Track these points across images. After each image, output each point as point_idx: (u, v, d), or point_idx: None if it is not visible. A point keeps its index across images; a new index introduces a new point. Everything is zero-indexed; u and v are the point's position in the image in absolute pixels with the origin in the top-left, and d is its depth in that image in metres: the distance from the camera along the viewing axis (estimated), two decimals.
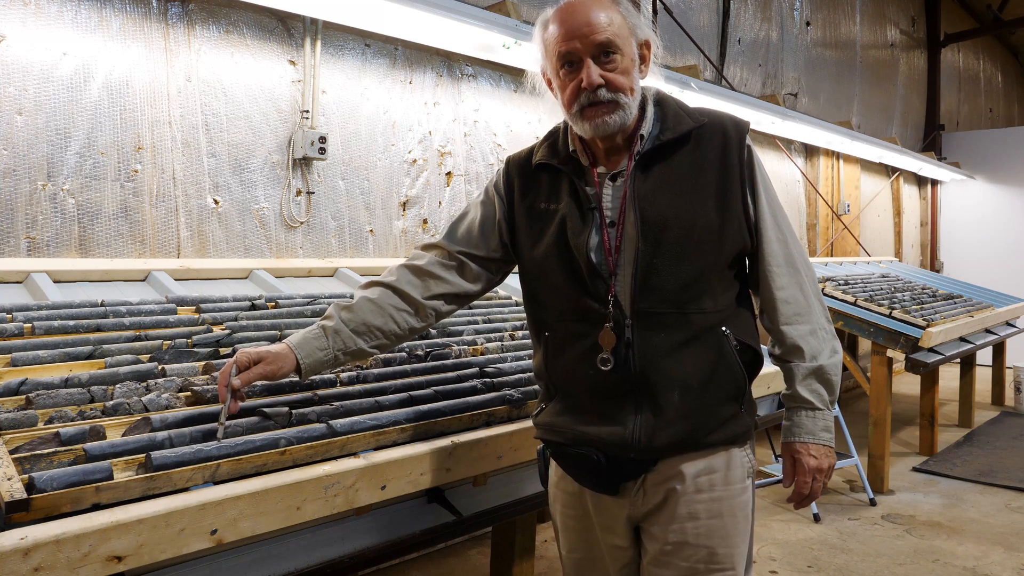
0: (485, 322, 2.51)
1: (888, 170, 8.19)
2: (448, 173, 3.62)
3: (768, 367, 2.06)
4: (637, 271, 1.40)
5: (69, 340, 1.78)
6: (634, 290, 1.40)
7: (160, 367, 1.71)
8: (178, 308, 2.13)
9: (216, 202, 2.79)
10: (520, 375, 2.03)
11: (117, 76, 2.53)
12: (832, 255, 6.81)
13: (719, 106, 4.42)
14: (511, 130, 3.89)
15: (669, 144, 1.46)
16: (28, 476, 1.19)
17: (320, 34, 3.02)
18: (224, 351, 1.85)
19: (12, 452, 1.28)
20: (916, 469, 4.75)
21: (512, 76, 3.88)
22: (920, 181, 9.05)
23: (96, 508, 1.20)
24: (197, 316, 2.08)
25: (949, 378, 7.17)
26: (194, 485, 1.31)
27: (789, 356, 1.50)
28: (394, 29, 3.03)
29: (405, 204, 3.44)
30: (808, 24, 6.71)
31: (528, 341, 2.30)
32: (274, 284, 2.55)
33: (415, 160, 3.47)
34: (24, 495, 1.15)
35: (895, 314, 4.50)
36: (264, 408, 1.54)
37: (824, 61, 7.02)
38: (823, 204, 6.73)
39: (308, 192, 3.05)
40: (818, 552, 3.49)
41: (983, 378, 6.64)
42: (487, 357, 2.17)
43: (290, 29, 2.98)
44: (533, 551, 2.44)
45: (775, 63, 6.25)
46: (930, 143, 9.18)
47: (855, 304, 4.63)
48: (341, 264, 2.91)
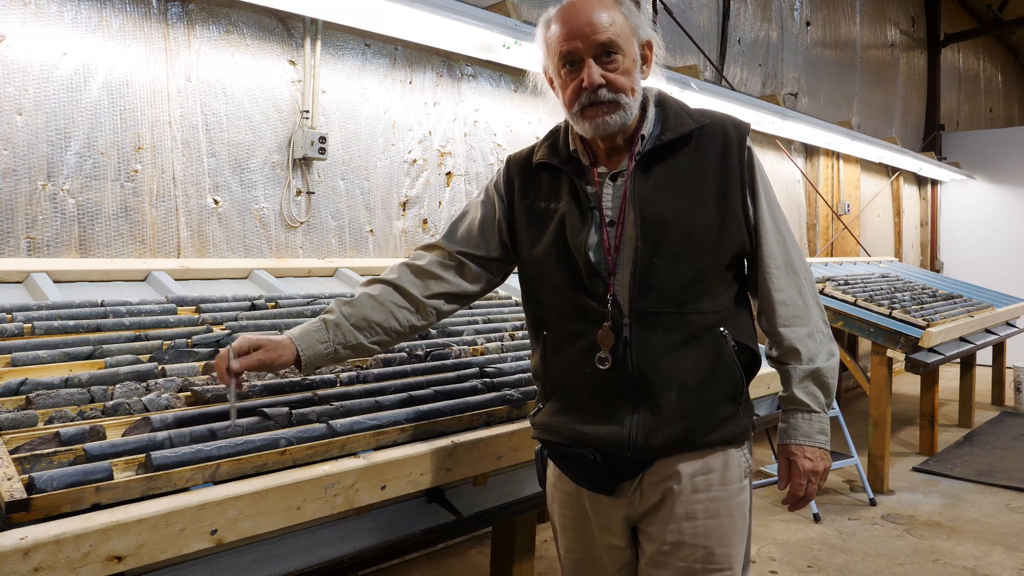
0: (485, 322, 2.52)
1: (888, 170, 8.19)
2: (448, 173, 3.62)
3: (768, 367, 2.06)
4: (636, 270, 1.40)
5: (69, 340, 1.78)
6: (633, 289, 1.40)
7: (160, 367, 1.71)
8: (178, 308, 2.13)
9: (216, 202, 2.79)
10: (520, 375, 2.03)
11: (117, 76, 2.54)
12: (832, 255, 6.81)
13: (719, 106, 4.45)
14: (511, 130, 3.89)
15: (670, 144, 1.45)
16: (28, 476, 1.19)
17: (320, 34, 3.02)
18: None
19: (12, 452, 1.28)
20: (916, 469, 4.75)
21: (512, 76, 3.88)
22: (920, 181, 9.05)
23: (96, 508, 1.20)
24: (197, 316, 2.08)
25: (949, 378, 7.17)
26: (194, 485, 1.31)
27: (786, 358, 1.50)
28: (394, 29, 3.03)
29: (405, 204, 3.44)
30: (808, 24, 6.71)
31: (528, 341, 2.30)
32: (274, 284, 2.56)
33: (415, 160, 3.47)
34: (24, 495, 1.15)
35: (895, 314, 4.50)
36: (264, 408, 1.54)
37: (824, 61, 7.02)
38: (823, 204, 6.73)
39: (308, 192, 3.05)
40: (818, 552, 3.50)
41: (983, 378, 6.63)
42: (487, 357, 2.17)
43: (290, 29, 2.98)
44: (533, 551, 2.44)
45: (775, 63, 6.25)
46: (930, 143, 9.18)
47: (855, 304, 4.63)
48: (341, 264, 2.91)
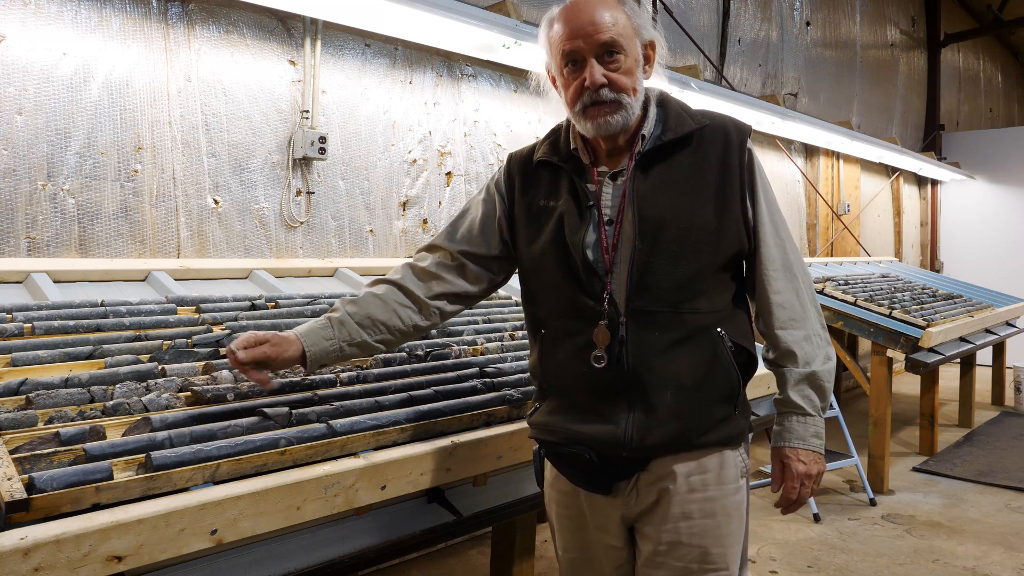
0: (485, 322, 2.52)
1: (888, 170, 8.19)
2: (448, 173, 3.62)
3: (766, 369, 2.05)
4: (633, 269, 1.40)
5: (69, 340, 1.78)
6: (629, 288, 1.40)
7: (160, 367, 1.71)
8: (178, 308, 2.13)
9: (216, 202, 2.79)
10: (520, 375, 2.03)
11: (117, 76, 2.53)
12: (832, 255, 6.81)
13: (719, 106, 4.45)
14: (511, 130, 3.89)
15: (670, 145, 1.46)
16: (28, 476, 1.19)
17: (320, 34, 3.02)
18: (224, 351, 1.85)
19: (12, 452, 1.28)
20: (916, 469, 4.75)
21: (512, 76, 3.88)
22: (920, 181, 9.05)
23: (96, 508, 1.20)
24: (197, 316, 2.08)
25: (949, 378, 7.17)
26: (194, 485, 1.31)
27: (782, 361, 1.50)
28: (394, 29, 3.03)
29: (405, 204, 3.44)
30: (808, 24, 6.71)
31: (528, 341, 2.30)
32: (274, 284, 2.55)
33: (415, 160, 3.47)
34: (24, 495, 1.15)
35: (895, 314, 4.50)
36: (264, 408, 1.54)
37: (824, 61, 7.02)
38: (823, 204, 6.73)
39: (308, 192, 3.05)
40: (818, 552, 3.49)
41: (983, 378, 6.63)
42: (487, 357, 2.17)
43: (290, 29, 2.98)
44: (533, 551, 2.44)
45: (775, 63, 6.25)
46: (930, 143, 9.18)
47: (855, 304, 4.62)
48: (341, 264, 2.91)
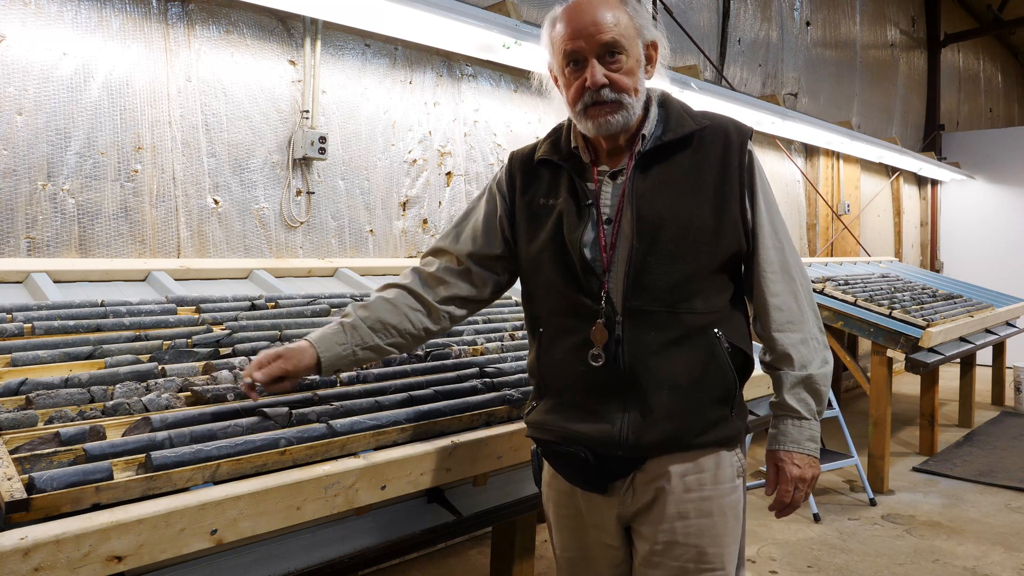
0: (485, 322, 2.51)
1: (888, 170, 8.18)
2: (448, 173, 3.62)
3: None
4: (630, 268, 1.41)
5: (69, 340, 1.78)
6: (626, 287, 1.41)
7: (160, 367, 1.71)
8: (178, 308, 2.13)
9: (216, 202, 2.79)
10: (520, 375, 2.03)
11: (117, 76, 2.53)
12: (832, 255, 6.81)
13: (719, 106, 4.45)
14: (511, 130, 3.89)
15: (670, 145, 1.46)
16: (28, 476, 1.19)
17: (320, 34, 3.02)
18: (224, 351, 1.85)
19: (12, 452, 1.28)
20: (916, 469, 4.74)
21: (512, 76, 3.88)
22: (920, 181, 9.05)
23: (96, 508, 1.20)
24: (197, 316, 2.08)
25: (949, 378, 7.17)
26: (194, 485, 1.31)
27: (779, 364, 1.50)
28: (394, 29, 3.03)
29: (405, 204, 3.44)
30: (808, 24, 6.71)
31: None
32: (274, 284, 2.55)
33: (415, 160, 3.47)
34: (24, 495, 1.15)
35: (895, 314, 4.50)
36: (264, 408, 1.54)
37: (824, 61, 7.01)
38: (823, 204, 6.73)
39: (308, 192, 3.05)
40: (818, 552, 3.49)
41: (983, 378, 6.63)
42: (487, 357, 2.17)
43: (290, 29, 2.98)
44: (533, 551, 2.44)
45: (775, 63, 6.25)
46: (930, 143, 9.18)
47: (855, 304, 4.62)
48: (341, 264, 2.91)
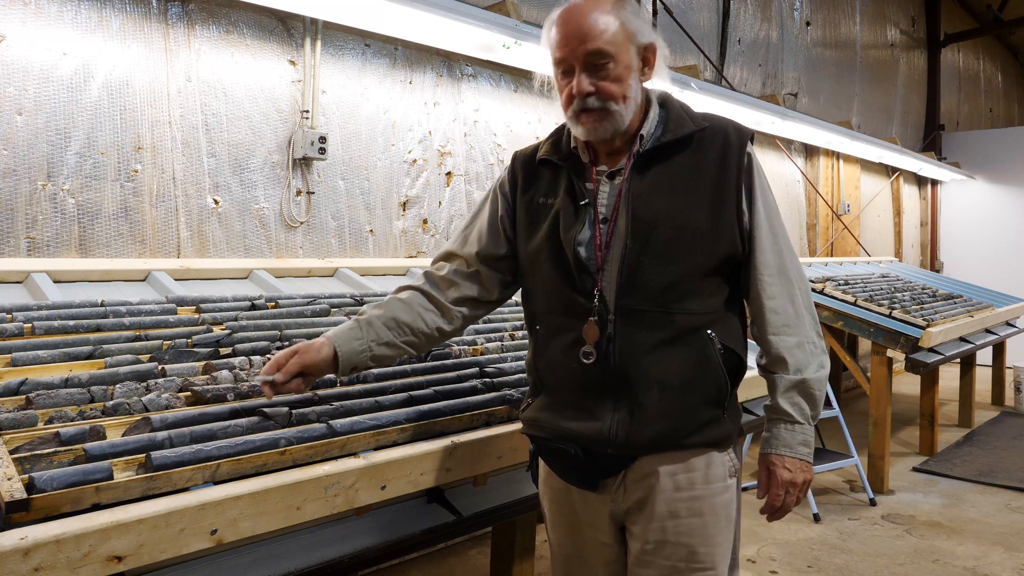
0: (485, 322, 2.51)
1: (888, 170, 8.18)
2: (448, 173, 3.62)
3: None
4: (623, 268, 1.42)
5: (69, 340, 1.78)
6: (619, 286, 1.42)
7: (160, 367, 1.71)
8: (178, 308, 2.13)
9: (216, 202, 2.79)
10: (520, 375, 2.03)
11: (117, 76, 2.53)
12: (832, 255, 6.81)
13: (719, 106, 4.45)
14: (511, 130, 3.89)
15: (669, 146, 1.47)
16: (28, 476, 1.19)
17: (320, 34, 3.02)
18: (224, 351, 1.85)
19: (12, 452, 1.28)
20: (916, 469, 4.75)
21: (512, 76, 3.88)
22: (920, 181, 9.05)
23: (96, 508, 1.20)
24: (197, 316, 2.08)
25: (949, 378, 7.17)
26: (194, 485, 1.31)
27: (773, 367, 1.50)
28: (394, 29, 3.03)
29: (405, 204, 3.44)
30: (808, 24, 6.71)
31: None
32: (274, 284, 2.55)
33: (415, 160, 3.47)
34: (24, 495, 1.15)
35: (895, 314, 4.50)
36: (264, 408, 1.55)
37: (824, 61, 7.01)
38: (823, 204, 6.73)
39: (308, 192, 3.05)
40: (818, 552, 3.49)
41: (983, 378, 6.63)
42: (487, 357, 2.17)
43: (290, 29, 2.98)
44: (533, 551, 2.44)
45: (775, 63, 6.25)
46: (930, 143, 9.18)
47: (855, 304, 4.62)
48: (341, 264, 2.91)
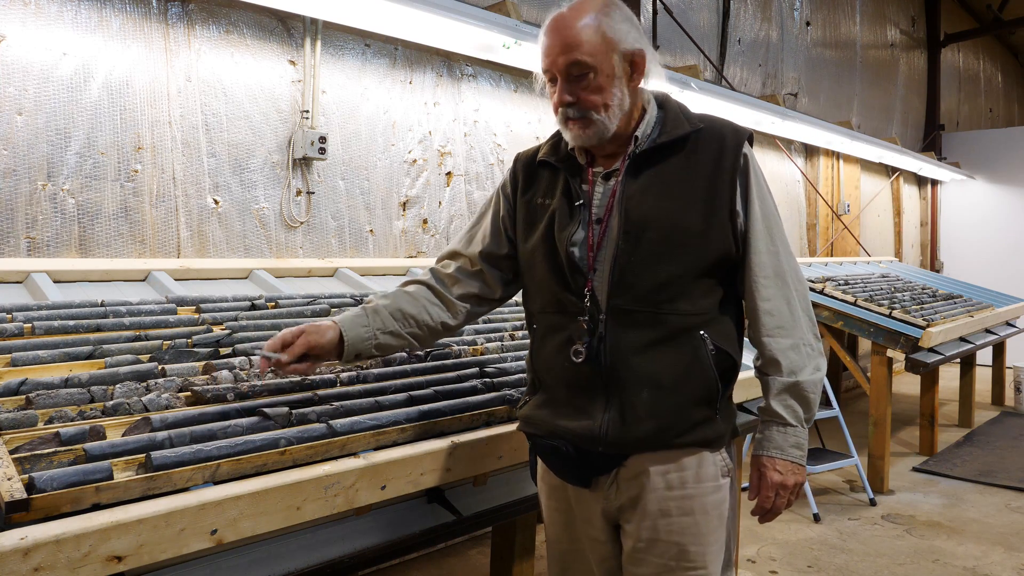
0: (485, 322, 2.51)
1: (888, 170, 8.18)
2: (448, 173, 3.62)
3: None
4: (614, 268, 1.44)
5: (69, 340, 1.78)
6: (610, 286, 1.43)
7: (160, 367, 1.71)
8: (178, 308, 2.13)
9: (216, 202, 2.79)
10: (520, 375, 2.03)
11: (117, 76, 2.53)
12: (832, 255, 6.81)
13: (719, 106, 4.45)
14: (511, 130, 3.89)
15: (664, 147, 1.48)
16: (28, 476, 1.19)
17: (320, 34, 3.02)
18: (224, 351, 1.85)
19: (12, 452, 1.28)
20: (916, 469, 4.75)
21: (512, 76, 3.87)
22: (920, 181, 9.05)
23: (96, 508, 1.20)
24: (197, 316, 2.08)
25: (949, 378, 7.17)
26: (194, 485, 1.31)
27: (767, 369, 1.51)
28: (394, 29, 3.03)
29: (405, 204, 3.44)
30: (808, 24, 6.71)
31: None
32: (274, 284, 2.55)
33: (415, 160, 3.47)
34: (24, 495, 1.14)
35: (895, 314, 4.50)
36: (264, 408, 1.54)
37: (824, 61, 7.01)
38: (823, 204, 6.73)
39: (308, 192, 3.05)
40: (818, 552, 3.50)
41: (983, 378, 6.63)
42: (487, 357, 2.16)
43: (290, 29, 2.98)
44: (533, 551, 2.44)
45: (775, 63, 6.25)
46: (930, 143, 9.18)
47: (855, 304, 4.62)
48: (341, 264, 2.91)
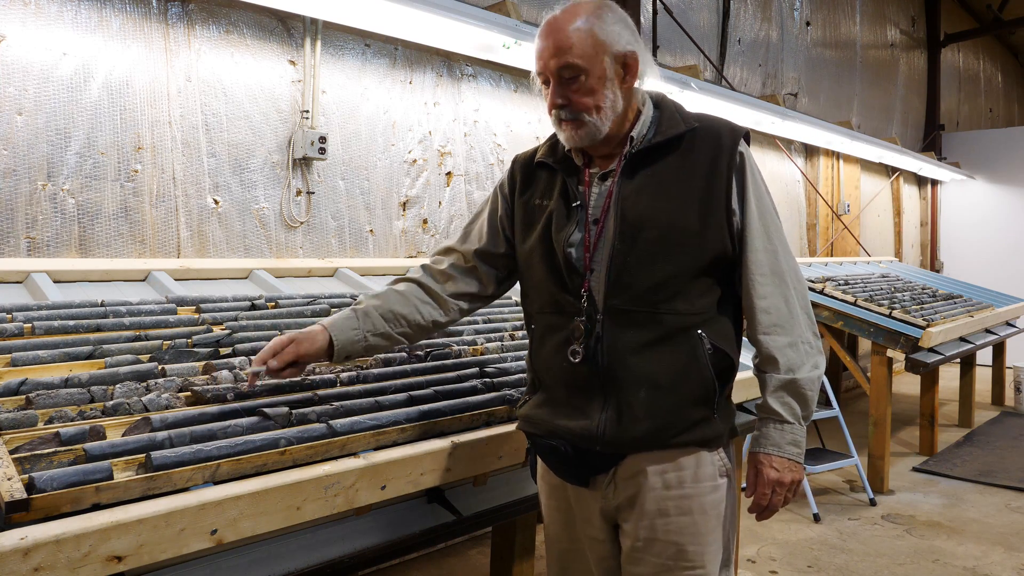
0: (485, 322, 2.51)
1: (888, 170, 8.18)
2: (448, 173, 3.62)
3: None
4: (611, 268, 1.44)
5: (69, 340, 1.78)
6: (607, 286, 1.44)
7: (160, 367, 1.71)
8: (178, 308, 2.13)
9: (216, 202, 2.79)
10: (520, 375, 2.03)
11: (117, 76, 2.53)
12: (832, 255, 6.81)
13: (719, 106, 4.45)
14: (511, 130, 3.89)
15: (660, 147, 1.48)
16: (28, 476, 1.19)
17: (320, 34, 3.02)
18: (224, 351, 1.85)
19: (12, 452, 1.28)
20: (916, 469, 4.75)
21: (512, 76, 3.87)
22: (920, 181, 9.04)
23: (96, 508, 1.20)
24: (197, 316, 2.08)
25: (949, 378, 7.17)
26: (194, 485, 1.31)
27: (764, 366, 1.51)
28: (394, 29, 3.03)
29: (405, 204, 3.44)
30: (808, 24, 6.71)
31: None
32: (274, 284, 2.55)
33: (415, 160, 3.47)
34: (24, 495, 1.14)
35: (895, 314, 4.50)
36: (264, 408, 1.54)
37: (824, 61, 7.01)
38: (823, 204, 6.73)
39: (308, 192, 3.05)
40: (818, 552, 3.50)
41: (983, 378, 6.63)
42: (487, 357, 2.16)
43: (290, 29, 2.98)
44: (533, 551, 2.44)
45: (775, 63, 6.25)
46: (930, 143, 9.18)
47: (855, 304, 4.62)
48: (341, 264, 2.91)
